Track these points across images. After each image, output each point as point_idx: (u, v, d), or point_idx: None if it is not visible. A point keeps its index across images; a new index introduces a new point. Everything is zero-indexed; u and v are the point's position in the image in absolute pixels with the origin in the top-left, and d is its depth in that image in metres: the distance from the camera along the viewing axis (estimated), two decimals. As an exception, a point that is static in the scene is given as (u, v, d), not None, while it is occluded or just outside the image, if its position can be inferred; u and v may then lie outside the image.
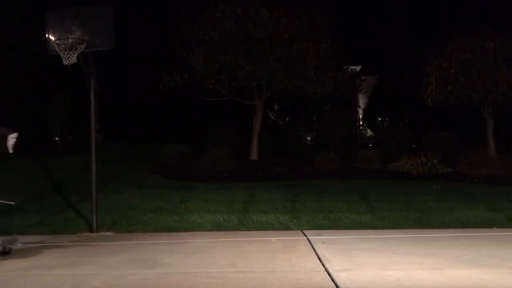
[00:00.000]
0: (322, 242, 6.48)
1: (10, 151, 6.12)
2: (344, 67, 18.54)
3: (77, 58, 7.59)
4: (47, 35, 7.79)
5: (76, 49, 7.54)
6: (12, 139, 6.08)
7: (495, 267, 5.01)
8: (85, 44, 7.59)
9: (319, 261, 5.35)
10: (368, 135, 20.50)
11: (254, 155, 15.81)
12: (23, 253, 6.23)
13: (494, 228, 7.95)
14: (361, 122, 22.35)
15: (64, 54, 7.56)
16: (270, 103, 19.29)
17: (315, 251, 5.95)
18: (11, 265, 5.46)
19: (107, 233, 7.92)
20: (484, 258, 5.47)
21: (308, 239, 6.83)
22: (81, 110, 11.39)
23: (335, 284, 4.39)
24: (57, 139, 20.11)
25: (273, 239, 6.22)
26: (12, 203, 7.12)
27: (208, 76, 15.36)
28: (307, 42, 14.84)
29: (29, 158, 14.48)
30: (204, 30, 15.02)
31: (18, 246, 6.09)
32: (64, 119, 19.44)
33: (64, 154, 15.41)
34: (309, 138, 19.34)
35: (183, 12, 15.27)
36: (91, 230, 7.96)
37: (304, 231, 7.55)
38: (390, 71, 20.57)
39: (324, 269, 4.97)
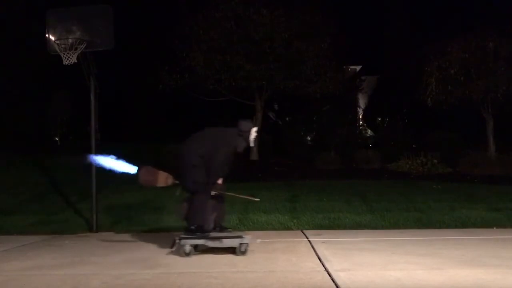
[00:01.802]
0: (322, 242, 6.48)
1: (252, 145, 6.15)
2: (344, 67, 18.56)
3: (77, 58, 7.59)
4: (47, 35, 7.79)
5: (76, 49, 7.54)
6: (254, 133, 6.08)
7: (495, 267, 5.01)
8: (85, 44, 7.59)
9: (319, 261, 5.36)
10: (368, 135, 20.50)
11: (254, 155, 15.81)
12: (24, 252, 6.24)
13: (494, 228, 7.96)
14: (361, 122, 22.36)
15: (64, 54, 7.56)
16: (270, 103, 19.30)
17: (315, 251, 5.95)
18: (11, 265, 5.46)
19: (107, 233, 7.92)
20: (484, 258, 5.47)
21: (308, 239, 6.83)
22: (81, 110, 11.39)
23: (335, 284, 4.39)
24: (57, 139, 20.11)
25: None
26: (257, 199, 7.00)
27: (208, 76, 15.36)
28: (307, 42, 14.85)
29: (29, 158, 14.49)
30: (204, 30, 15.03)
31: (258, 241, 6.01)
32: (64, 119, 19.44)
33: (64, 154, 15.40)
34: (309, 138, 19.34)
35: (183, 12, 15.28)
36: (91, 230, 7.96)
37: (304, 231, 7.55)
38: (390, 71, 20.57)
39: (324, 269, 4.97)
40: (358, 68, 23.79)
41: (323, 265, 5.14)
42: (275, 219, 8.38)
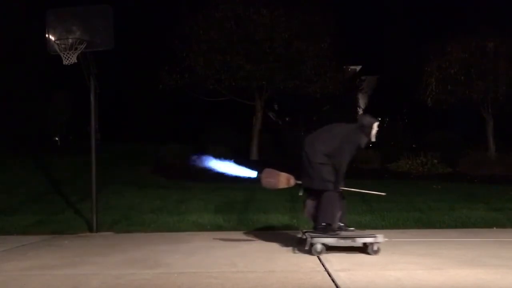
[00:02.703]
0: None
1: (373, 140, 6.05)
2: (344, 67, 18.55)
3: (77, 58, 7.59)
4: (47, 35, 7.79)
5: (76, 49, 7.55)
6: (376, 127, 6.00)
7: (495, 267, 5.01)
8: (85, 44, 7.59)
9: (319, 261, 5.35)
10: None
11: (254, 155, 15.81)
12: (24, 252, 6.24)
13: (494, 228, 7.96)
14: (361, 122, 22.27)
15: (64, 54, 7.56)
16: (270, 103, 19.29)
17: (315, 251, 5.94)
18: (11, 265, 5.46)
19: (107, 233, 7.93)
20: (484, 258, 5.47)
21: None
22: (81, 110, 11.40)
23: (335, 284, 4.39)
24: (57, 139, 20.11)
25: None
26: (383, 194, 6.83)
27: (208, 76, 15.36)
28: (307, 42, 14.85)
29: (29, 158, 14.49)
30: (204, 30, 15.03)
31: (385, 240, 5.88)
32: (64, 119, 19.44)
33: (64, 154, 15.41)
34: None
35: (183, 12, 15.27)
36: (91, 230, 7.96)
37: (304, 231, 7.54)
38: (390, 71, 20.57)
39: (324, 269, 4.96)
40: (358, 68, 23.79)
41: (323, 265, 5.14)
42: (275, 219, 8.38)
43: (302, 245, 5.86)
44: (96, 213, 7.95)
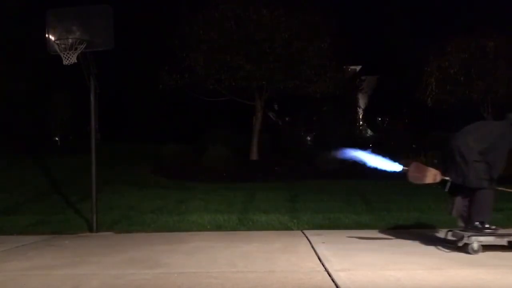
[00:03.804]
0: (322, 242, 6.47)
1: None
2: (344, 67, 18.57)
3: (77, 58, 7.59)
4: (47, 35, 7.78)
5: (76, 49, 7.54)
6: None
7: (495, 267, 5.01)
8: (85, 44, 7.59)
9: (319, 261, 5.35)
10: (368, 135, 20.51)
11: (254, 155, 15.82)
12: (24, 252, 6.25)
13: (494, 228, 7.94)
14: (361, 122, 22.37)
15: (64, 54, 7.56)
16: (270, 103, 19.31)
17: (315, 251, 5.94)
18: (11, 265, 5.46)
19: (107, 233, 7.93)
20: (484, 258, 5.47)
21: (308, 239, 6.83)
22: (81, 110, 11.41)
23: (335, 284, 4.39)
24: (57, 139, 20.13)
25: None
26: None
27: (208, 76, 15.37)
28: (307, 42, 14.86)
29: (29, 158, 14.50)
30: (204, 30, 15.04)
31: None
32: (64, 119, 19.46)
33: (64, 154, 15.41)
34: (309, 138, 19.36)
35: (183, 12, 15.29)
36: (91, 230, 7.96)
37: (304, 231, 7.55)
38: (390, 71, 20.60)
39: (324, 269, 4.96)
40: (358, 68, 23.81)
41: (323, 265, 5.13)
42: (275, 219, 8.38)
43: (449, 244, 5.85)
44: (96, 213, 7.94)
